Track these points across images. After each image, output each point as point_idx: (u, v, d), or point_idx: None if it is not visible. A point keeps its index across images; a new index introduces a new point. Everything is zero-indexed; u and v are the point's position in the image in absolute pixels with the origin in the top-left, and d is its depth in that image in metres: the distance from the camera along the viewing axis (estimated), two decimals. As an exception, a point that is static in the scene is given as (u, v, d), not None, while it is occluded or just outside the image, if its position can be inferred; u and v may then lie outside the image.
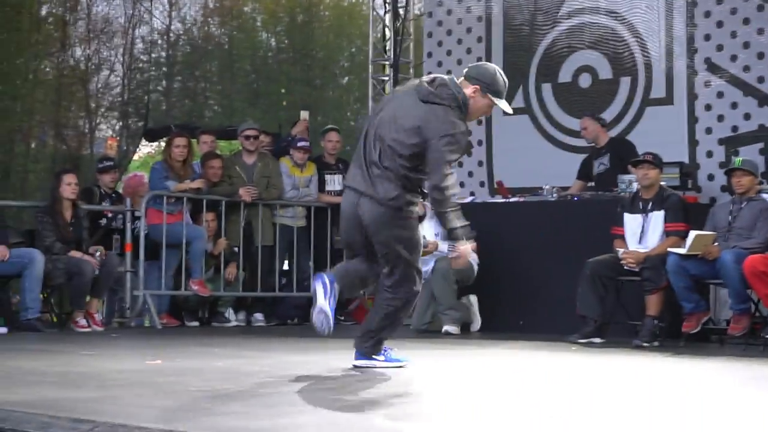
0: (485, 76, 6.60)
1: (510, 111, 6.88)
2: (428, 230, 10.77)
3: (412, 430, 4.43)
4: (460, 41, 13.74)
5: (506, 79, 6.68)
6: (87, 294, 10.49)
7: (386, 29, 14.78)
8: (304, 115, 12.83)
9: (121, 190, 12.17)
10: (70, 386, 5.66)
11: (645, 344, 9.32)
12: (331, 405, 5.11)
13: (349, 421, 4.63)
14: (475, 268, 10.88)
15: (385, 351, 6.92)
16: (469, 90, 6.55)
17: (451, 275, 10.71)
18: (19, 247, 10.39)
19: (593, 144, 11.63)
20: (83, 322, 10.39)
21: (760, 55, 11.73)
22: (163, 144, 23.57)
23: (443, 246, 10.71)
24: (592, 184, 11.50)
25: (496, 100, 6.56)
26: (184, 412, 4.78)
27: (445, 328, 10.76)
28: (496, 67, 6.73)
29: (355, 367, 6.80)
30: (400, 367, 6.80)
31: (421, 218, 10.17)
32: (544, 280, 10.81)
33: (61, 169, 11.59)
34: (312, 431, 4.30)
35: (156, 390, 5.55)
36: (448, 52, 13.81)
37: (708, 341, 10.01)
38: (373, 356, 6.85)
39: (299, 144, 12.07)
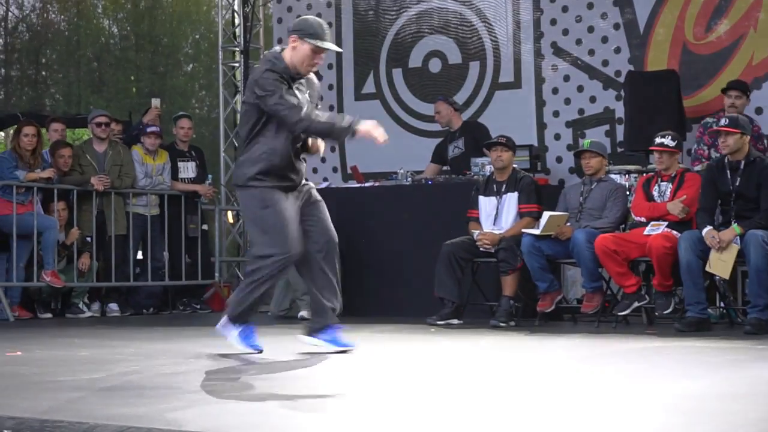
0: (298, 23, 6.79)
1: (336, 48, 7.02)
2: None
3: (291, 411, 4.47)
4: (310, 27, 13.75)
5: (324, 23, 6.82)
6: (-64, 287, 10.25)
7: (236, 15, 14.70)
8: (156, 102, 12.69)
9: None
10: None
11: (502, 324, 9.49)
12: (202, 388, 5.11)
13: (223, 406, 4.65)
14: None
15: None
16: (289, 43, 6.73)
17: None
18: None
19: (447, 128, 11.77)
20: (-68, 316, 10.16)
21: (604, 39, 12.04)
22: (3, 134, 23.24)
23: None
24: (447, 167, 11.64)
25: (318, 42, 6.65)
26: (56, 401, 4.73)
27: (302, 313, 10.75)
28: (312, 16, 7.02)
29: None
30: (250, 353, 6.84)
31: None
32: (401, 264, 10.92)
33: None
34: (188, 416, 4.30)
35: (24, 381, 5.47)
36: (299, 38, 13.79)
37: (561, 320, 10.24)
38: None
39: (149, 130, 11.96)
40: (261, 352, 6.82)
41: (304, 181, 6.99)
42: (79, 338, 8.43)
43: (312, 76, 6.98)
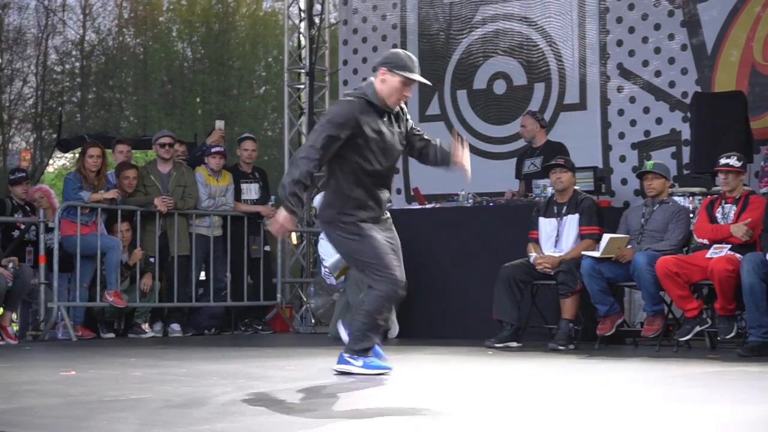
0: (388, 56, 6.76)
1: (426, 82, 7.00)
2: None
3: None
4: (375, 49, 13.78)
5: (413, 56, 6.80)
6: (0, 307, 10.34)
7: (302, 37, 14.75)
8: (219, 124, 12.76)
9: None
10: (-22, 398, 5.57)
11: (561, 347, 9.39)
12: (249, 412, 5.09)
13: (261, 428, 4.62)
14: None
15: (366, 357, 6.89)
16: (378, 76, 6.69)
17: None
18: (-69, 259, 10.25)
19: (529, 143, 11.63)
20: (-4, 335, 10.25)
21: (671, 60, 11.91)
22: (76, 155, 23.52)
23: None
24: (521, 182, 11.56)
25: (407, 74, 6.64)
26: (96, 421, 4.73)
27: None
28: (402, 50, 6.91)
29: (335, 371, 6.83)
30: (381, 374, 6.78)
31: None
32: (460, 286, 10.85)
33: (-27, 181, 11.41)
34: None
35: (69, 400, 5.49)
36: (364, 60, 13.84)
37: (622, 343, 10.11)
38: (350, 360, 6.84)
39: (213, 150, 12.02)
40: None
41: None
42: (136, 358, 8.45)
43: (403, 106, 6.96)
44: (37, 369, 7.72)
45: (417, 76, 6.73)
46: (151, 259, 11.55)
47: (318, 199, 11.16)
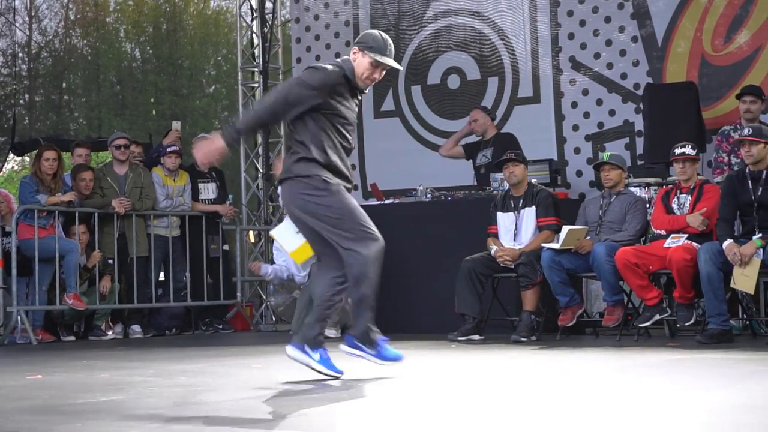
0: (363, 36, 6.64)
1: (397, 66, 6.75)
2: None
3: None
4: (328, 46, 13.81)
5: (389, 40, 6.62)
6: (-41, 312, 10.29)
7: (254, 36, 14.74)
8: (176, 125, 12.73)
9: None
10: (-49, 404, 5.55)
11: (523, 339, 9.47)
12: (218, 410, 5.11)
13: (240, 425, 4.64)
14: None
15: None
16: (351, 55, 6.58)
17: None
18: None
19: (480, 137, 11.73)
20: (-44, 341, 10.19)
21: (622, 52, 12.02)
22: (27, 159, 23.34)
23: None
24: (474, 175, 11.65)
25: (377, 56, 6.46)
26: (71, 423, 4.73)
27: (330, 332, 10.79)
28: (378, 32, 6.70)
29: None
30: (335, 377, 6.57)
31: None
32: (422, 280, 10.91)
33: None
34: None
35: (42, 403, 5.48)
36: (317, 57, 13.85)
37: (583, 334, 10.21)
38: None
39: (169, 149, 12.01)
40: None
41: None
42: (99, 360, 8.44)
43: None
44: (1, 373, 7.68)
45: (387, 60, 6.53)
46: (110, 261, 11.54)
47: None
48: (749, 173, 8.83)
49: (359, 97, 6.68)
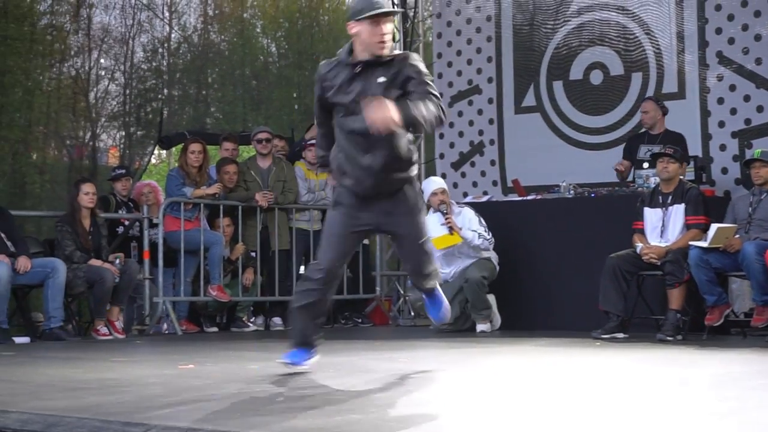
0: (349, 11, 6.34)
1: (393, 10, 6.24)
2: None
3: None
4: (469, 41, 13.75)
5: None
6: (108, 302, 10.50)
7: (395, 30, 14.74)
8: (319, 120, 12.80)
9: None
10: (110, 392, 5.65)
11: (668, 338, 9.33)
12: (373, 403, 5.11)
13: (398, 418, 4.64)
14: (497, 267, 10.94)
15: None
16: (351, 33, 6.22)
17: (483, 280, 10.76)
18: (38, 257, 10.42)
19: (648, 129, 11.48)
20: (104, 330, 10.40)
21: (772, 47, 11.77)
22: (164, 153, 23.69)
23: (467, 233, 10.76)
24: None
25: (368, 13, 6.00)
26: (231, 413, 4.79)
27: (480, 327, 10.85)
28: None
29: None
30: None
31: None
32: (565, 277, 10.84)
33: (79, 178, 11.54)
34: (365, 428, 4.31)
35: (198, 393, 5.56)
36: (458, 53, 13.82)
37: (729, 334, 10.02)
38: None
39: (311, 142, 12.09)
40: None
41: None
42: (247, 351, 8.53)
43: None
44: (154, 363, 7.82)
45: (379, 9, 6.03)
46: (253, 254, 11.66)
47: (431, 182, 11.29)
48: None
49: (376, 66, 6.12)
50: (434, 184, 11.20)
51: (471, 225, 10.84)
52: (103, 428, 4.48)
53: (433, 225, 10.85)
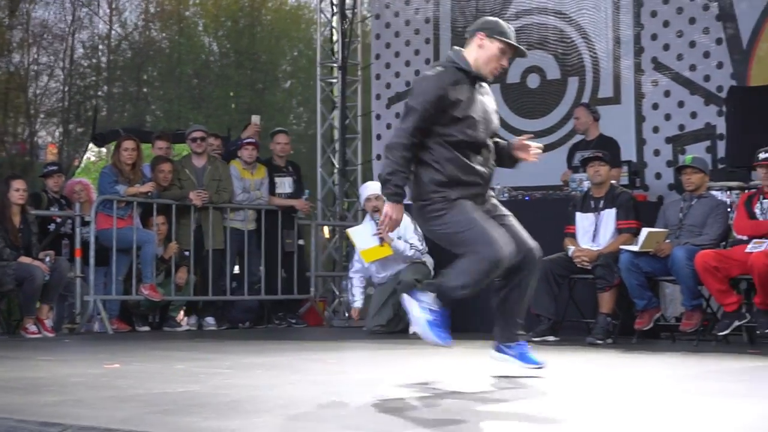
0: (486, 22, 6.28)
1: (525, 51, 6.46)
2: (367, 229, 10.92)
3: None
4: (408, 43, 13.78)
5: (511, 26, 6.33)
6: (37, 300, 10.38)
7: (334, 31, 14.75)
8: (256, 119, 12.79)
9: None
10: (32, 391, 5.58)
11: (599, 341, 9.38)
12: (295, 404, 5.09)
13: (317, 418, 4.62)
14: (432, 272, 10.95)
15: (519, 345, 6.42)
16: (475, 41, 6.19)
17: (416, 283, 10.74)
18: (-33, 253, 10.30)
19: (582, 135, 11.57)
20: (33, 328, 10.28)
21: (706, 54, 11.89)
22: (104, 150, 23.55)
23: (400, 244, 10.76)
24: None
25: (508, 39, 6.13)
26: (151, 414, 4.74)
27: (412, 329, 10.79)
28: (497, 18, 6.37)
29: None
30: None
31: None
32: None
33: (9, 174, 11.42)
34: (283, 429, 4.28)
35: (119, 393, 5.50)
36: (396, 54, 13.85)
37: (659, 338, 10.09)
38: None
39: (246, 141, 12.04)
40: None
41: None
42: (176, 351, 8.48)
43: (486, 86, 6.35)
44: (80, 362, 7.73)
45: (515, 43, 6.22)
46: (186, 253, 11.59)
47: (366, 188, 11.24)
48: (833, 179, 8.68)
49: (482, 86, 6.25)
50: (369, 189, 11.18)
51: (406, 232, 10.84)
52: (18, 428, 4.42)
53: (365, 234, 10.88)
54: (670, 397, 5.59)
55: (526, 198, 11.08)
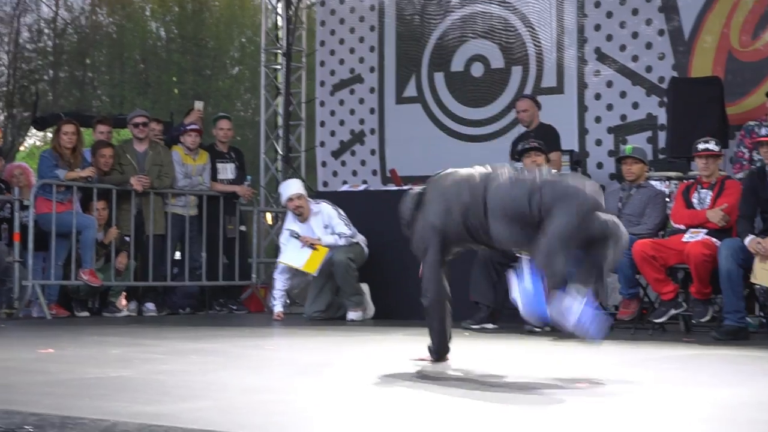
0: None
1: None
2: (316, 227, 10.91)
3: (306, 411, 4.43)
4: (352, 30, 13.77)
5: None
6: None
7: (279, 18, 14.70)
8: (199, 105, 12.72)
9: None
10: (-40, 375, 5.55)
11: (537, 329, 9.38)
12: (226, 390, 5.08)
13: (248, 406, 4.61)
14: (365, 249, 10.97)
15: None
16: None
17: (350, 262, 10.76)
18: None
19: (527, 127, 11.53)
20: (-30, 312, 10.21)
21: (648, 45, 11.96)
22: (50, 135, 23.37)
23: (328, 239, 10.79)
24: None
25: None
26: (80, 398, 4.71)
27: (350, 315, 10.85)
28: None
29: None
30: None
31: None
32: (437, 267, 10.85)
33: (-53, 159, 11.32)
34: (211, 415, 4.27)
35: (50, 377, 5.47)
36: (341, 41, 13.83)
37: (598, 326, 10.12)
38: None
39: (189, 127, 11.98)
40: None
41: None
42: (112, 336, 8.43)
43: None
44: (14, 347, 7.67)
45: None
46: (127, 238, 11.52)
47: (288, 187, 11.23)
48: (770, 171, 8.77)
49: None
50: (291, 189, 11.17)
51: (331, 222, 10.87)
52: (-57, 412, 4.37)
53: (295, 251, 10.88)
54: (606, 384, 5.62)
55: (468, 186, 11.06)
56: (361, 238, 10.99)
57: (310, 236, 10.87)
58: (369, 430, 3.98)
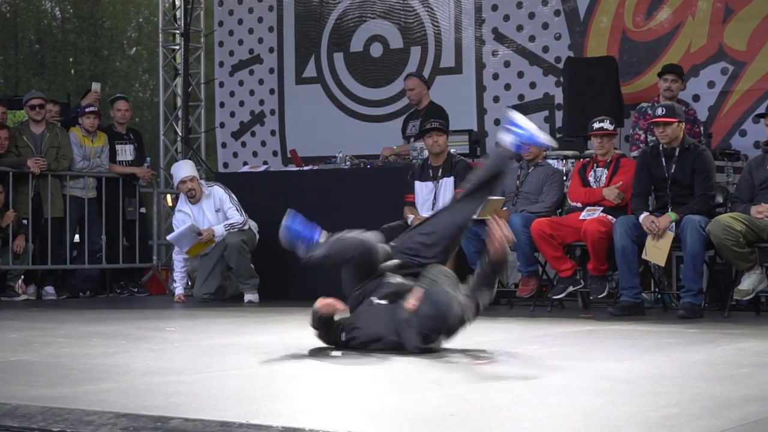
0: None
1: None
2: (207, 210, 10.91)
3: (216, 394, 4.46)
4: (251, 10, 13.71)
5: None
6: None
7: (174, -4, 14.58)
8: (96, 87, 12.59)
9: None
10: None
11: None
12: (129, 372, 5.08)
13: (150, 388, 4.62)
14: (257, 235, 10.98)
15: None
16: None
17: (242, 244, 10.76)
18: None
19: (415, 106, 11.63)
20: None
21: (545, 26, 12.07)
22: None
23: (220, 230, 10.79)
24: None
25: None
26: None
27: (248, 297, 10.84)
28: None
29: None
30: None
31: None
32: (338, 248, 10.88)
33: None
34: (113, 397, 4.27)
35: (-52, 362, 5.42)
36: (240, 21, 13.78)
37: (498, 304, 10.24)
38: None
39: (88, 110, 11.85)
40: None
41: None
42: (11, 321, 8.35)
43: None
44: None
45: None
46: (24, 221, 11.37)
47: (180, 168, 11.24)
48: (663, 150, 8.94)
49: None
50: (183, 170, 11.16)
51: (223, 205, 10.87)
52: None
53: (186, 240, 10.89)
54: (503, 359, 5.72)
55: (368, 166, 11.14)
56: (252, 224, 10.99)
57: (201, 218, 10.86)
58: (272, 409, 4.02)
